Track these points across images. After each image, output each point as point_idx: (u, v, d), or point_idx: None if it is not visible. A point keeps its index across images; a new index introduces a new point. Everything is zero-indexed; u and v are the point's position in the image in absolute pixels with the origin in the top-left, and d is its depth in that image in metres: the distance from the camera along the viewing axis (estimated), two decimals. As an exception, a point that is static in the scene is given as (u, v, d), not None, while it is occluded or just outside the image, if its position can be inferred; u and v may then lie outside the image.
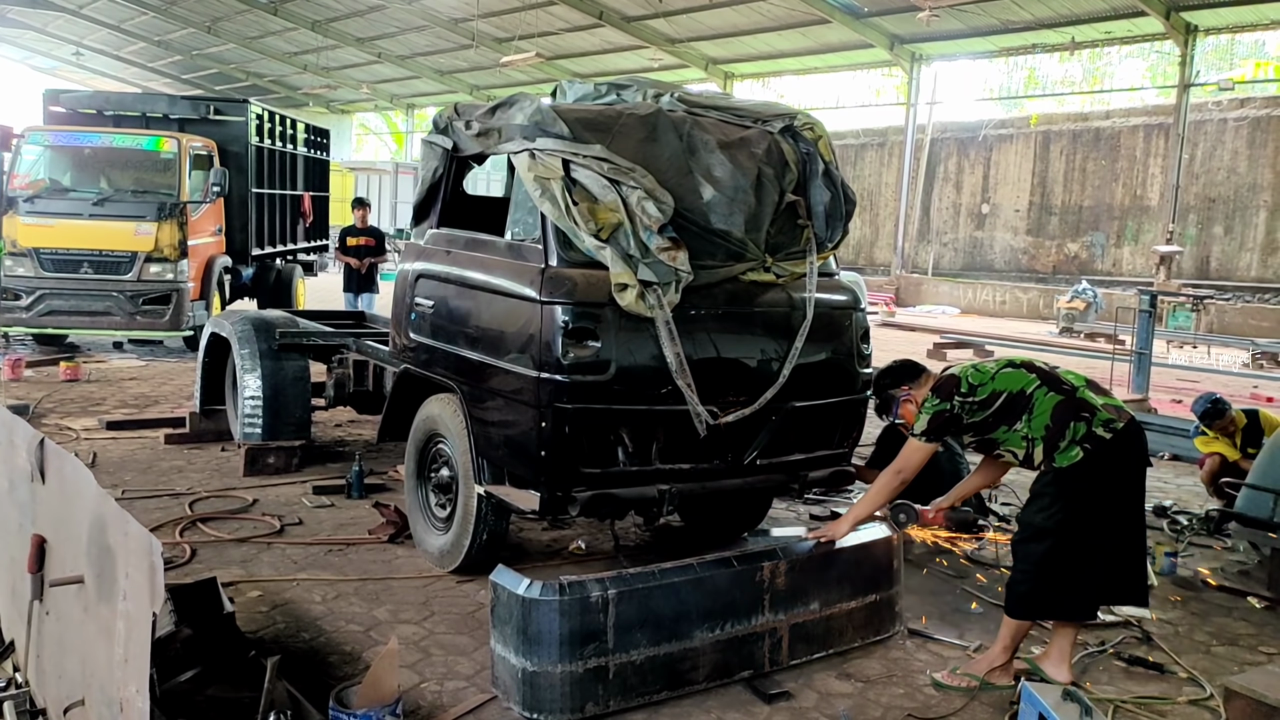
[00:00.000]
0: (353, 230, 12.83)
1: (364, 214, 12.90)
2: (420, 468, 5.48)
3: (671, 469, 4.76)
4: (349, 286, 12.67)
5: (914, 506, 4.62)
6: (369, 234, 12.83)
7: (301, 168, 16.07)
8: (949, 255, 28.40)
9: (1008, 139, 27.28)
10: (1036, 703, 3.50)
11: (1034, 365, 4.27)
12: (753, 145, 5.10)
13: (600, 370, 4.46)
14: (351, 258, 12.55)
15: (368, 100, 44.35)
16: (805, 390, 5.00)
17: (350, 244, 12.67)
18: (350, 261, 12.57)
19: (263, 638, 4.36)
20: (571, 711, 3.71)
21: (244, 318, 7.48)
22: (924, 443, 4.26)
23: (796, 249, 5.10)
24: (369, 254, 12.68)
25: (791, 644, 4.26)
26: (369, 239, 12.76)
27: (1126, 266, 24.67)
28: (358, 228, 12.80)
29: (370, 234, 12.84)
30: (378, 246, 12.84)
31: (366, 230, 12.84)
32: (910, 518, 4.60)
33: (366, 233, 12.81)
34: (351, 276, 12.62)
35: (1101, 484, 4.01)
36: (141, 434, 8.09)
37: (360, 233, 12.77)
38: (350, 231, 12.85)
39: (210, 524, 5.89)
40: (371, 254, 12.73)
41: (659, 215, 4.56)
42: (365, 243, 12.68)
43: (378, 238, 12.93)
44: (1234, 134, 22.93)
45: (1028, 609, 4.15)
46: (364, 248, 12.65)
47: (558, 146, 4.65)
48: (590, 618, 3.74)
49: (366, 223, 12.90)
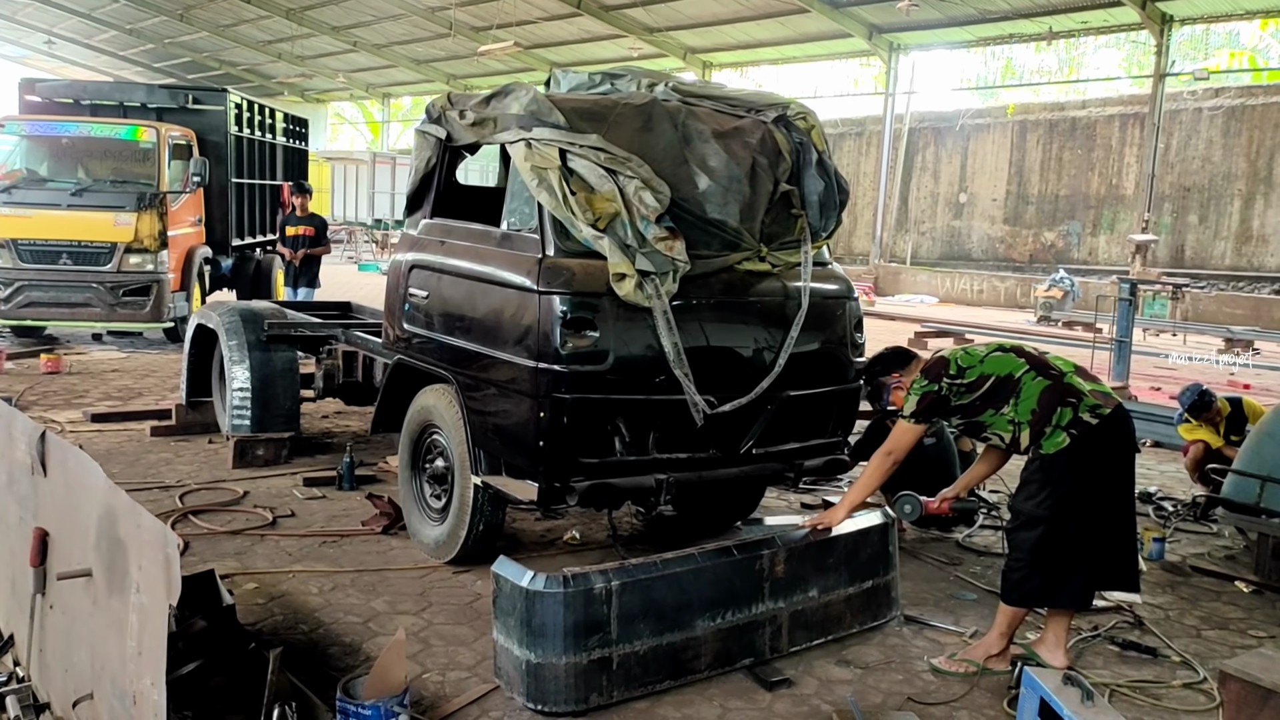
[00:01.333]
0: (292, 218, 11.96)
1: (304, 201, 12.00)
2: (415, 459, 5.47)
3: (669, 458, 4.78)
4: (287, 279, 11.92)
5: (918, 497, 4.65)
6: (309, 223, 11.86)
7: (281, 157, 15.93)
8: (927, 244, 28.53)
9: (985, 128, 27.41)
10: (1037, 687, 3.53)
11: (1023, 350, 4.31)
12: (747, 135, 5.11)
13: (598, 360, 4.46)
14: (288, 248, 11.72)
15: (343, 90, 44.05)
16: (800, 379, 5.02)
17: (289, 233, 11.77)
18: (284, 252, 11.79)
19: (261, 630, 4.35)
20: (576, 703, 3.72)
21: (231, 309, 7.44)
22: (913, 424, 4.29)
23: (791, 238, 5.12)
24: (308, 244, 11.69)
25: (791, 631, 4.29)
26: (309, 228, 11.78)
27: (1102, 255, 24.87)
28: (297, 215, 11.89)
29: (311, 223, 11.87)
30: (318, 236, 11.81)
31: (307, 219, 11.90)
32: (915, 509, 4.64)
33: (307, 221, 11.86)
34: (289, 269, 11.81)
35: (1089, 470, 4.05)
36: (127, 426, 8.03)
37: (300, 221, 11.83)
38: (289, 220, 11.99)
39: (202, 516, 5.85)
40: (310, 244, 11.71)
41: (656, 205, 4.56)
42: (305, 232, 11.70)
43: (319, 227, 11.93)
44: (1208, 123, 23.14)
45: (1023, 596, 4.19)
46: (303, 238, 11.67)
47: (554, 136, 4.64)
48: (594, 609, 3.75)
49: (307, 210, 12.01)
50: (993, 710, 3.98)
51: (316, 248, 11.75)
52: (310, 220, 11.90)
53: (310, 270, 11.73)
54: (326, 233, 12.17)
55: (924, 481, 5.01)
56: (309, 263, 11.68)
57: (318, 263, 11.90)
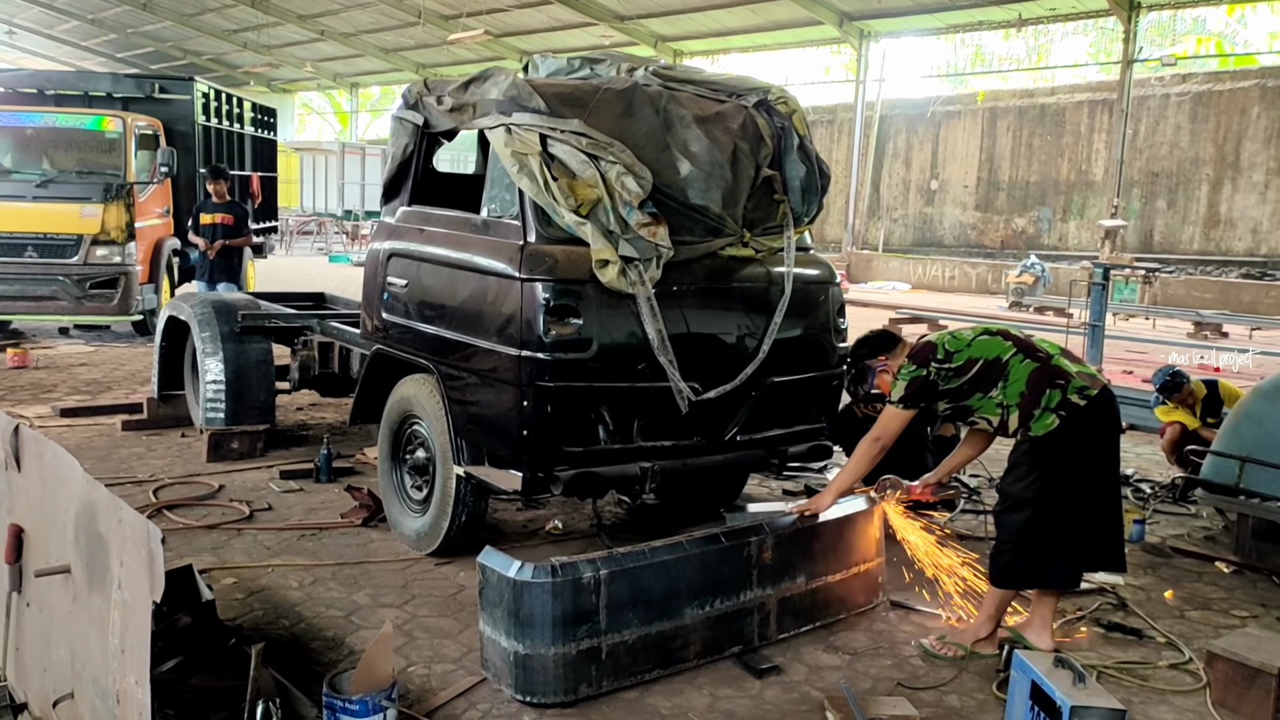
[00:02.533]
0: (207, 205, 10.61)
1: (221, 187, 10.60)
2: (395, 450, 5.40)
3: (653, 446, 4.74)
4: (201, 273, 10.62)
5: (901, 482, 4.63)
6: (228, 211, 10.61)
7: (249, 147, 15.74)
8: (899, 231, 28.63)
9: (955, 115, 27.50)
10: (1029, 670, 3.52)
11: (1010, 333, 4.30)
12: (728, 120, 5.07)
13: (582, 348, 4.42)
14: (203, 239, 10.44)
15: (310, 79, 43.60)
16: (784, 365, 5.00)
17: (204, 222, 10.47)
18: (199, 243, 10.49)
19: (241, 626, 4.28)
20: (565, 693, 3.68)
21: (204, 300, 7.33)
22: (901, 409, 4.27)
23: (773, 224, 5.10)
24: (226, 234, 10.46)
25: (780, 618, 4.27)
26: (226, 216, 10.52)
27: (1072, 241, 25.04)
28: (213, 203, 10.57)
29: (229, 211, 10.63)
30: (237, 226, 10.59)
31: (224, 206, 10.61)
32: (898, 492, 4.62)
33: (224, 209, 10.58)
34: (204, 262, 10.55)
35: (1077, 451, 4.05)
36: (97, 421, 7.89)
37: (216, 209, 10.53)
38: (204, 208, 10.62)
39: (177, 511, 5.75)
40: (228, 235, 10.48)
41: (638, 190, 4.52)
42: (222, 221, 10.47)
43: (238, 215, 10.71)
44: (1176, 109, 23.32)
45: (1011, 578, 4.19)
46: (220, 227, 10.45)
47: (535, 121, 4.58)
48: (583, 598, 3.70)
49: (225, 197, 10.69)
50: (982, 694, 3.97)
51: (236, 239, 10.61)
52: (229, 208, 10.70)
53: (229, 264, 10.59)
54: (248, 222, 11.00)
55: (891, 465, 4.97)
56: (227, 256, 10.54)
57: (239, 256, 10.81)
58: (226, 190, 10.74)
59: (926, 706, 3.82)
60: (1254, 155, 22.18)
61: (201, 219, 10.51)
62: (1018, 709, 3.58)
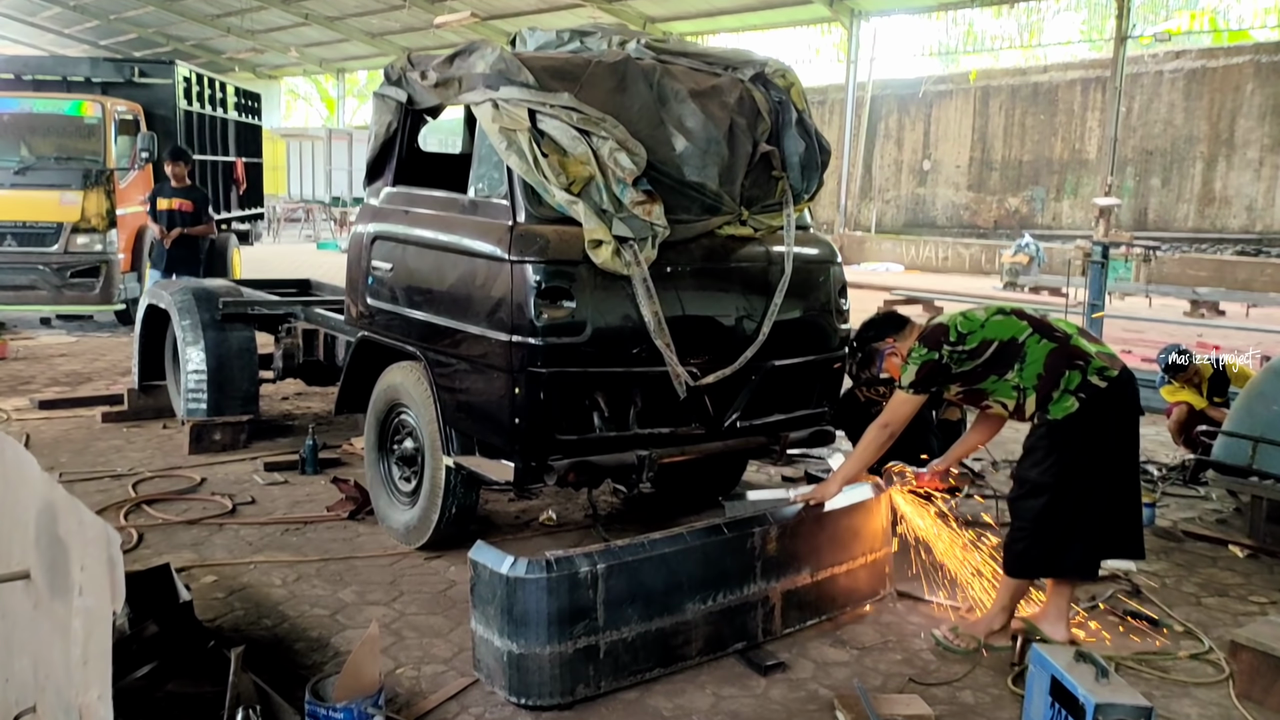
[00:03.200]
0: (165, 191, 9.77)
1: (180, 170, 9.76)
2: (381, 440, 5.21)
3: (650, 434, 4.57)
4: (157, 263, 9.73)
5: (909, 468, 4.46)
6: (187, 196, 9.72)
7: (233, 133, 15.47)
8: (891, 213, 28.44)
9: (947, 95, 27.29)
10: (1049, 665, 3.35)
11: (1024, 313, 4.12)
12: (724, 94, 4.88)
13: (575, 332, 4.23)
14: (161, 225, 9.64)
15: (296, 65, 43.11)
16: (785, 348, 4.82)
17: (161, 208, 9.67)
18: (156, 230, 9.76)
19: (221, 627, 4.09)
20: (562, 695, 3.50)
21: (184, 287, 7.10)
22: (912, 394, 4.09)
23: (772, 201, 4.91)
24: (184, 222, 9.57)
25: (785, 612, 4.09)
26: (186, 202, 9.66)
27: (1066, 220, 24.89)
28: (172, 187, 9.72)
29: (189, 196, 9.75)
30: (197, 213, 9.72)
31: (184, 191, 9.75)
32: (906, 480, 4.44)
33: (184, 194, 9.71)
34: (160, 251, 9.67)
35: (1097, 434, 3.88)
36: (76, 413, 7.68)
37: (174, 194, 9.68)
38: (161, 192, 9.79)
39: (157, 506, 5.56)
40: (187, 222, 9.60)
41: (632, 167, 4.33)
42: (181, 207, 9.62)
43: (198, 201, 9.82)
44: (1170, 86, 23.15)
45: (1027, 567, 4.02)
46: (179, 214, 9.59)
47: (523, 96, 4.38)
48: (579, 594, 3.52)
49: (184, 181, 9.82)
50: (997, 688, 3.81)
51: (196, 226, 9.67)
52: (189, 193, 9.79)
53: (188, 254, 9.61)
54: (209, 208, 10.13)
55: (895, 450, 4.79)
56: (187, 245, 9.60)
57: (199, 246, 9.86)
58: (186, 174, 9.90)
59: (940, 703, 3.66)
60: (1248, 132, 22.03)
61: (159, 204, 9.71)
62: (1036, 706, 3.41)
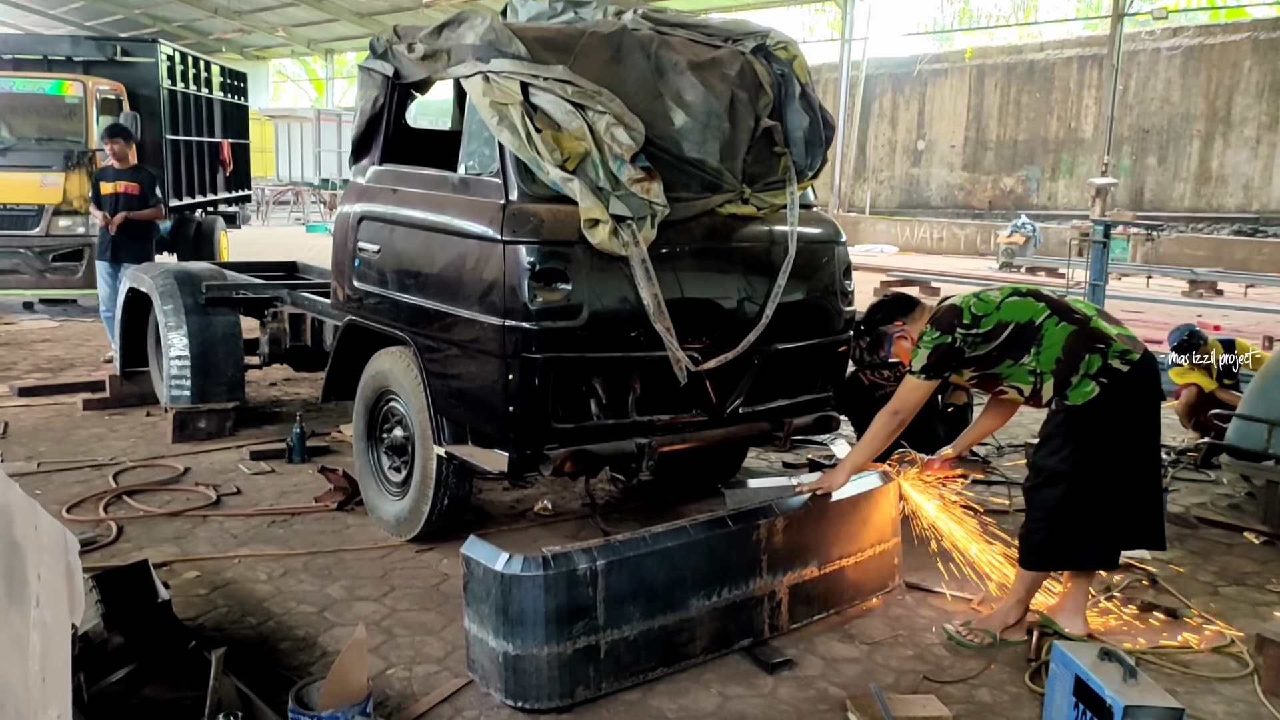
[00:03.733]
0: (107, 173, 8.68)
1: (121, 148, 8.63)
2: (370, 428, 5.02)
3: (650, 421, 4.38)
4: (102, 252, 8.63)
5: (918, 455, 4.29)
6: (132, 178, 8.62)
7: (219, 113, 15.19)
8: (885, 193, 28.23)
9: (942, 74, 27.06)
10: (1072, 664, 3.19)
11: (1041, 294, 3.94)
12: (724, 66, 4.68)
13: (571, 316, 4.04)
14: (104, 212, 8.48)
15: (284, 45, 42.64)
16: (788, 331, 4.64)
17: (104, 191, 8.56)
18: (99, 216, 8.56)
19: (203, 625, 3.91)
20: (561, 697, 3.33)
21: (165, 271, 6.88)
22: (923, 380, 3.92)
23: (774, 179, 4.71)
24: (129, 206, 8.48)
25: (792, 606, 3.92)
26: (131, 184, 8.56)
27: (1062, 200, 24.71)
28: (114, 169, 8.64)
29: (134, 178, 8.63)
30: (142, 196, 8.57)
31: (129, 172, 8.65)
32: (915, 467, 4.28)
33: (129, 175, 8.62)
34: (105, 239, 8.55)
35: (1119, 420, 3.71)
36: (57, 400, 7.47)
37: (118, 176, 8.59)
38: (104, 175, 8.71)
39: (138, 497, 5.36)
40: (133, 206, 8.50)
41: (630, 143, 4.13)
42: (126, 189, 8.54)
43: (143, 183, 8.66)
44: (1167, 64, 22.95)
45: (1044, 559, 3.85)
46: (123, 197, 8.51)
47: (515, 68, 4.17)
48: (578, 592, 3.35)
49: (128, 161, 8.70)
50: (1014, 686, 3.65)
51: (142, 211, 8.57)
52: (133, 174, 8.68)
53: (136, 241, 8.53)
54: (156, 189, 8.86)
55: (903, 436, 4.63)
56: (134, 232, 8.53)
57: (148, 232, 8.78)
58: (131, 152, 8.84)
59: (955, 702, 3.49)
60: (1245, 110, 21.86)
61: (101, 189, 8.64)
62: (1059, 706, 3.25)
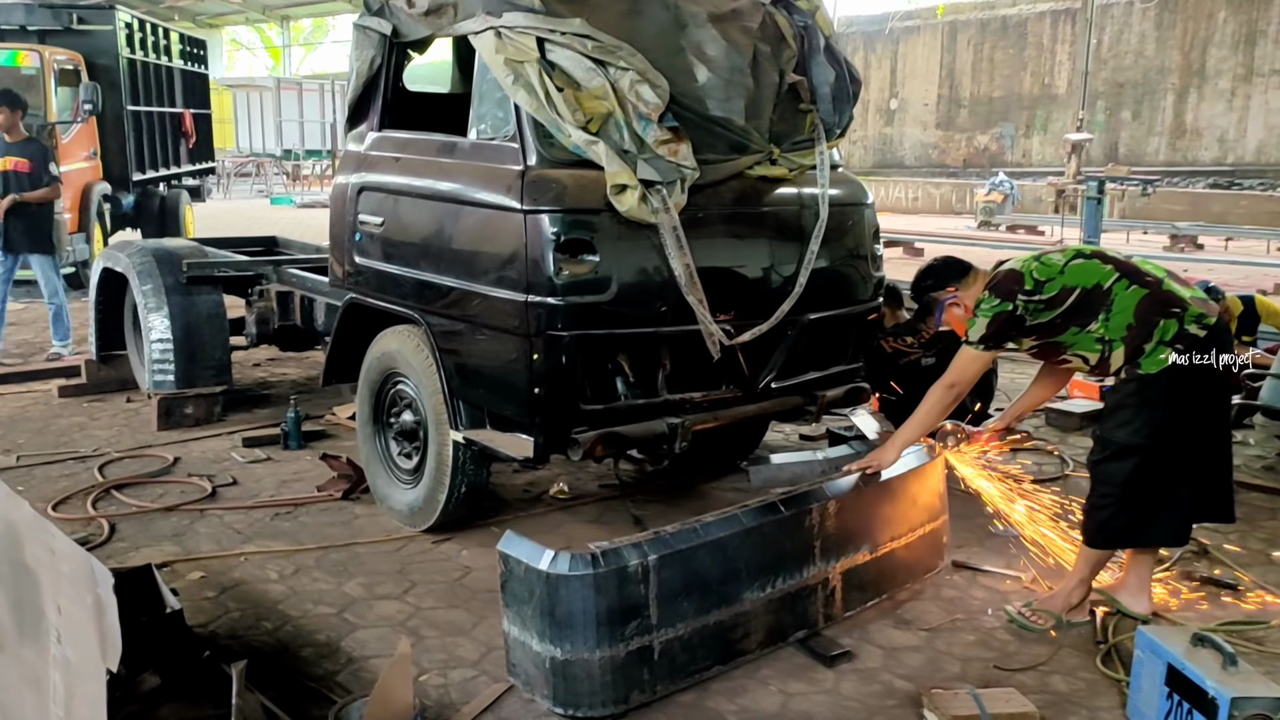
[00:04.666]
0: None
1: (9, 118, 7.62)
2: (376, 413, 4.72)
3: (681, 399, 4.13)
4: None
5: (965, 428, 4.06)
6: (20, 153, 7.65)
7: (180, 82, 14.65)
8: (859, 154, 27.97)
9: (914, 31, 26.81)
10: (1163, 652, 2.98)
11: (1107, 255, 3.70)
12: (745, 18, 4.39)
13: (599, 290, 3.76)
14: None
15: (238, 13, 41.69)
16: (821, 300, 4.38)
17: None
18: None
19: (216, 633, 3.62)
20: (615, 703, 3.08)
21: (142, 249, 6.49)
22: (981, 350, 3.68)
23: (802, 138, 4.43)
24: (21, 186, 7.56)
25: (845, 594, 3.69)
26: (20, 161, 7.61)
27: (1036, 157, 24.61)
28: (4, 141, 7.63)
29: (24, 153, 7.67)
30: (35, 174, 7.63)
31: (19, 146, 7.67)
32: (961, 440, 4.06)
33: (16, 150, 7.64)
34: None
35: (1194, 390, 3.47)
36: (30, 387, 7.10)
37: (7, 150, 7.62)
38: None
39: (128, 491, 5.04)
40: (24, 185, 7.58)
41: (657, 101, 3.84)
42: (15, 167, 7.60)
43: (34, 157, 7.70)
44: (1141, 16, 22.80)
45: (1112, 536, 3.64)
46: (13, 175, 7.58)
47: (530, 23, 3.86)
48: (630, 590, 3.09)
49: (18, 134, 7.70)
50: (1087, 671, 3.44)
51: (35, 191, 7.62)
52: (23, 148, 7.70)
53: (31, 226, 7.63)
54: (49, 165, 7.80)
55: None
56: (30, 215, 7.62)
57: (45, 215, 7.81)
58: (19, 123, 7.74)
59: (1031, 693, 3.27)
60: (1220, 62, 21.77)
61: None
62: (1148, 697, 3.05)
